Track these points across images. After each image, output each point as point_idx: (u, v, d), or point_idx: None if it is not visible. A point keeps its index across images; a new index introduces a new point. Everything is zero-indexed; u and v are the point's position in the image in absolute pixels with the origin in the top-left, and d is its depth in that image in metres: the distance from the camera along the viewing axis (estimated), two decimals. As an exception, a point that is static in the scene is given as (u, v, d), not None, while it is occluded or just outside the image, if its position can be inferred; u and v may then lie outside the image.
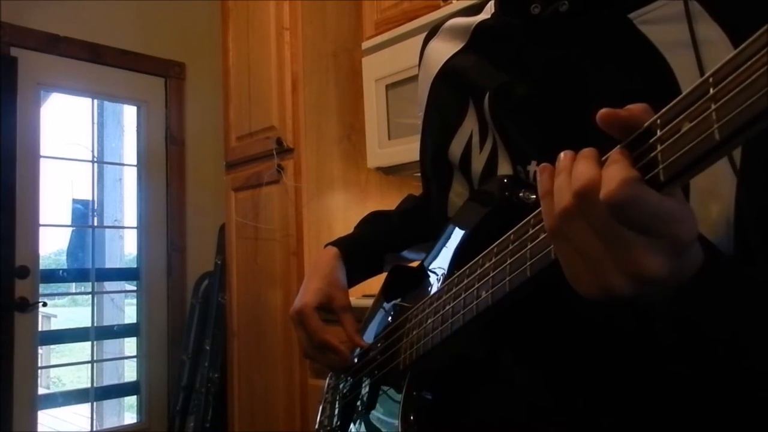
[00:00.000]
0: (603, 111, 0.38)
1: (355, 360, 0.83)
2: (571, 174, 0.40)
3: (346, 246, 0.87)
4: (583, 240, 0.39)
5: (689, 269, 0.40)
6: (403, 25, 1.99)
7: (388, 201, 2.37)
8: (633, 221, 0.36)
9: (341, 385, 0.85)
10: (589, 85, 0.58)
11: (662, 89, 0.52)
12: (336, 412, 0.83)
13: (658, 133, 0.36)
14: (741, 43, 0.49)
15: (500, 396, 0.65)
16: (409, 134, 1.98)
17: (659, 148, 0.36)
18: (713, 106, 0.33)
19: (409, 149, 1.96)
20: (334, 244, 0.88)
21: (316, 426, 0.86)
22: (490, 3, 0.73)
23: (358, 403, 0.78)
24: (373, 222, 0.94)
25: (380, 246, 0.89)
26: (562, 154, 0.42)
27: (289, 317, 0.84)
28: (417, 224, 0.89)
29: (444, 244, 0.71)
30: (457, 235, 0.69)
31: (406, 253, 0.91)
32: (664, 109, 0.37)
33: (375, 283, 0.91)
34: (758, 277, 0.46)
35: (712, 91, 0.33)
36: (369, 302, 0.89)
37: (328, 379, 0.90)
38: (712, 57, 0.50)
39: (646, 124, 0.37)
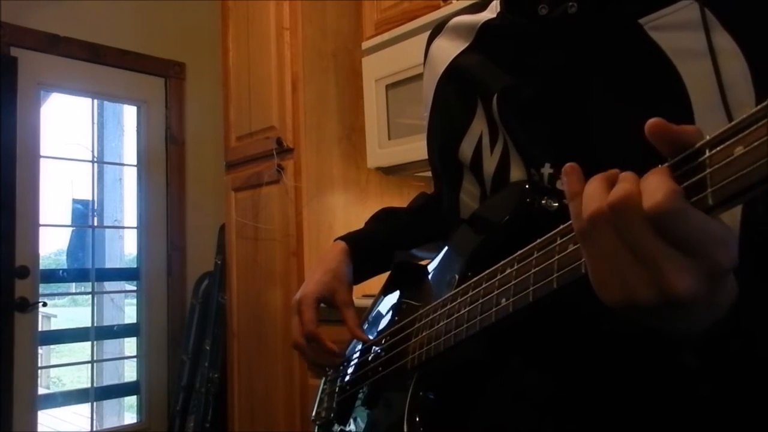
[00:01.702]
0: (653, 121, 0.37)
1: (356, 355, 0.82)
2: (607, 186, 0.39)
3: (354, 242, 0.87)
4: (611, 248, 0.38)
5: (724, 300, 0.39)
6: (403, 25, 1.99)
7: (388, 201, 2.37)
8: (676, 235, 0.36)
9: (339, 379, 0.84)
10: (596, 91, 0.57)
11: (670, 98, 0.52)
12: (334, 404, 0.83)
13: (707, 153, 0.35)
14: (753, 55, 0.49)
15: (508, 399, 0.64)
16: (409, 134, 1.98)
17: (708, 170, 0.35)
18: None
19: (409, 149, 1.96)
20: (343, 239, 0.87)
21: (313, 416, 0.85)
22: (495, 2, 0.72)
23: (358, 398, 0.78)
24: (383, 219, 0.93)
25: (389, 243, 0.89)
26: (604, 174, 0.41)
27: (290, 306, 0.83)
28: (427, 223, 0.89)
29: (459, 245, 0.70)
30: (473, 237, 0.67)
31: (415, 252, 0.90)
32: (716, 133, 0.35)
33: (375, 283, 0.91)
34: None
35: None
36: (369, 302, 0.89)
37: (326, 370, 0.90)
38: (726, 67, 0.49)
39: (697, 145, 0.36)
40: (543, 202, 0.59)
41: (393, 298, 0.82)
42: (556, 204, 0.58)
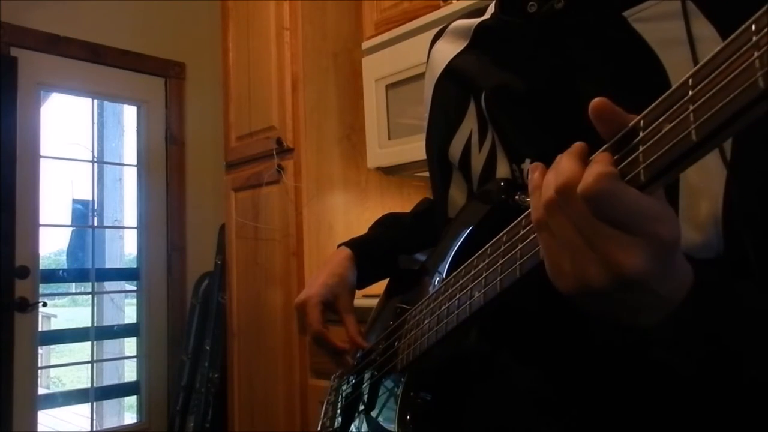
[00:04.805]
0: (597, 100, 0.38)
1: (356, 360, 0.83)
2: (556, 170, 0.40)
3: (359, 247, 0.88)
4: (565, 234, 0.40)
5: (676, 285, 0.40)
6: (403, 25, 1.99)
7: (388, 201, 2.37)
8: (609, 216, 0.37)
9: (343, 386, 0.85)
10: (583, 84, 0.58)
11: (653, 88, 0.52)
12: (338, 412, 0.83)
13: (641, 134, 0.37)
14: None
15: (498, 397, 0.65)
16: (409, 134, 1.98)
17: (641, 148, 0.36)
18: (691, 107, 0.33)
19: (409, 149, 1.96)
20: (347, 244, 0.88)
21: (318, 427, 0.86)
22: (491, 4, 0.73)
23: (359, 403, 0.78)
24: (387, 224, 0.95)
25: (393, 248, 0.90)
26: (559, 156, 0.42)
27: (293, 307, 0.84)
28: (430, 226, 0.89)
29: (443, 246, 0.71)
30: (455, 236, 0.69)
31: (419, 256, 0.91)
32: (646, 110, 0.37)
33: (378, 284, 0.92)
34: (750, 293, 0.46)
35: (690, 92, 0.34)
36: (369, 302, 0.90)
37: (331, 380, 0.91)
38: (705, 55, 0.50)
39: (631, 124, 0.38)
40: (517, 197, 0.61)
41: (390, 303, 0.83)
42: (530, 199, 0.60)
